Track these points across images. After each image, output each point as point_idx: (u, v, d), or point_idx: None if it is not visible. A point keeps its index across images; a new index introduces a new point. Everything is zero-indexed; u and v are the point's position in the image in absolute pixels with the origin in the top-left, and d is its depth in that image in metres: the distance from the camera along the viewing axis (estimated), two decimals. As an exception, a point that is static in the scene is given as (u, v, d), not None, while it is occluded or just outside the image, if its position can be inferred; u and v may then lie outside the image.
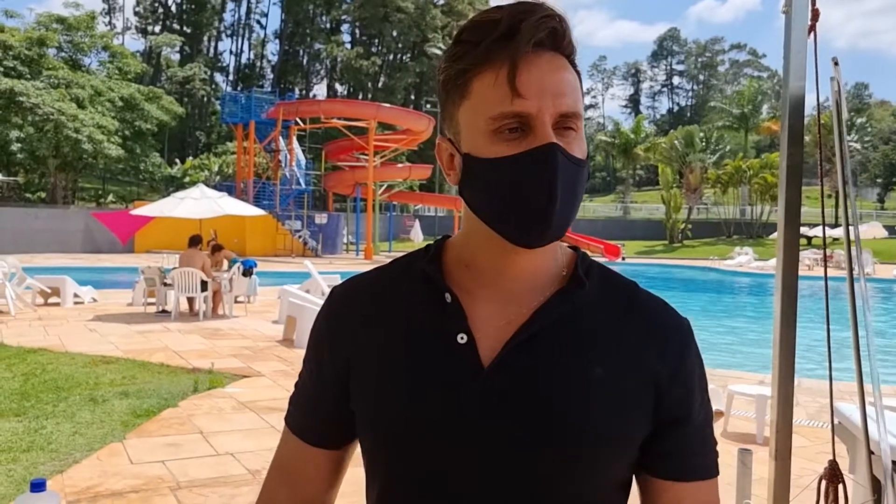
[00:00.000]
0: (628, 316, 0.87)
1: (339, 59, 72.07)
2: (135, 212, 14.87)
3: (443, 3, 70.86)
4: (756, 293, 21.59)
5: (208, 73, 71.56)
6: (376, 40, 73.49)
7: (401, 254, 0.95)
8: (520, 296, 0.85)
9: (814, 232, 30.67)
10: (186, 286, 11.42)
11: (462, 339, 0.82)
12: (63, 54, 44.38)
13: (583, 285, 0.85)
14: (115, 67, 46.44)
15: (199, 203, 13.36)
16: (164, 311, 11.87)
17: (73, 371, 7.15)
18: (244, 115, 32.93)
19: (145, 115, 43.04)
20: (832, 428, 2.46)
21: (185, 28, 74.67)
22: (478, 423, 0.80)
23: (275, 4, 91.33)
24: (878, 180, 67.52)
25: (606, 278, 0.89)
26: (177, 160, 53.05)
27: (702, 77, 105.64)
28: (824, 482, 2.12)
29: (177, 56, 73.53)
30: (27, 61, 38.00)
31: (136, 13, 76.04)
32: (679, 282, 23.88)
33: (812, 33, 1.95)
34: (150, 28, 75.07)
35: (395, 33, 71.03)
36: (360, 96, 67.18)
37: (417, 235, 34.74)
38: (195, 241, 12.01)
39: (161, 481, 4.22)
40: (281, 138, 32.83)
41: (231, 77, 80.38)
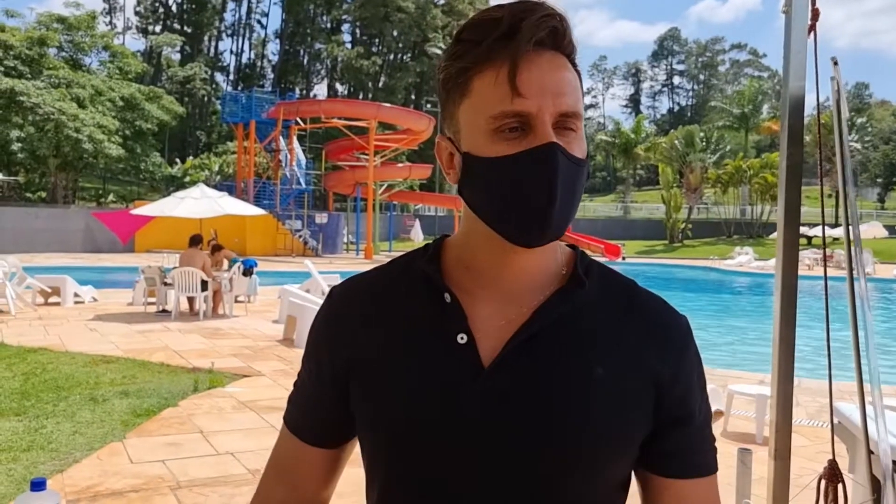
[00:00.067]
0: (628, 316, 0.86)
1: (339, 58, 72.11)
2: (135, 211, 14.88)
3: (443, 2, 70.86)
4: (756, 293, 21.58)
5: (209, 72, 71.57)
6: (377, 40, 73.52)
7: (401, 253, 0.95)
8: (519, 295, 0.85)
9: (814, 232, 30.65)
10: (187, 286, 11.42)
11: (462, 339, 0.82)
12: (63, 54, 44.41)
13: (583, 285, 0.85)
14: (116, 67, 46.47)
15: (199, 203, 13.37)
16: (164, 311, 11.88)
17: (73, 370, 7.15)
18: (244, 115, 32.91)
19: (146, 115, 43.07)
20: (832, 428, 2.46)
21: (185, 28, 74.74)
22: (478, 423, 0.80)
23: (275, 4, 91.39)
24: (879, 180, 67.54)
25: (606, 277, 0.89)
26: (177, 160, 53.09)
27: (702, 77, 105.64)
28: (824, 482, 2.12)
29: (177, 56, 73.56)
30: (28, 61, 38.03)
31: (136, 13, 76.25)
32: (679, 281, 23.87)
33: (812, 33, 1.95)
34: (150, 28, 75.17)
35: (395, 33, 71.06)
36: (360, 96, 67.20)
37: (417, 235, 34.69)
38: (195, 240, 12.01)
39: (161, 481, 4.23)
40: (281, 138, 32.83)
41: (231, 77, 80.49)
